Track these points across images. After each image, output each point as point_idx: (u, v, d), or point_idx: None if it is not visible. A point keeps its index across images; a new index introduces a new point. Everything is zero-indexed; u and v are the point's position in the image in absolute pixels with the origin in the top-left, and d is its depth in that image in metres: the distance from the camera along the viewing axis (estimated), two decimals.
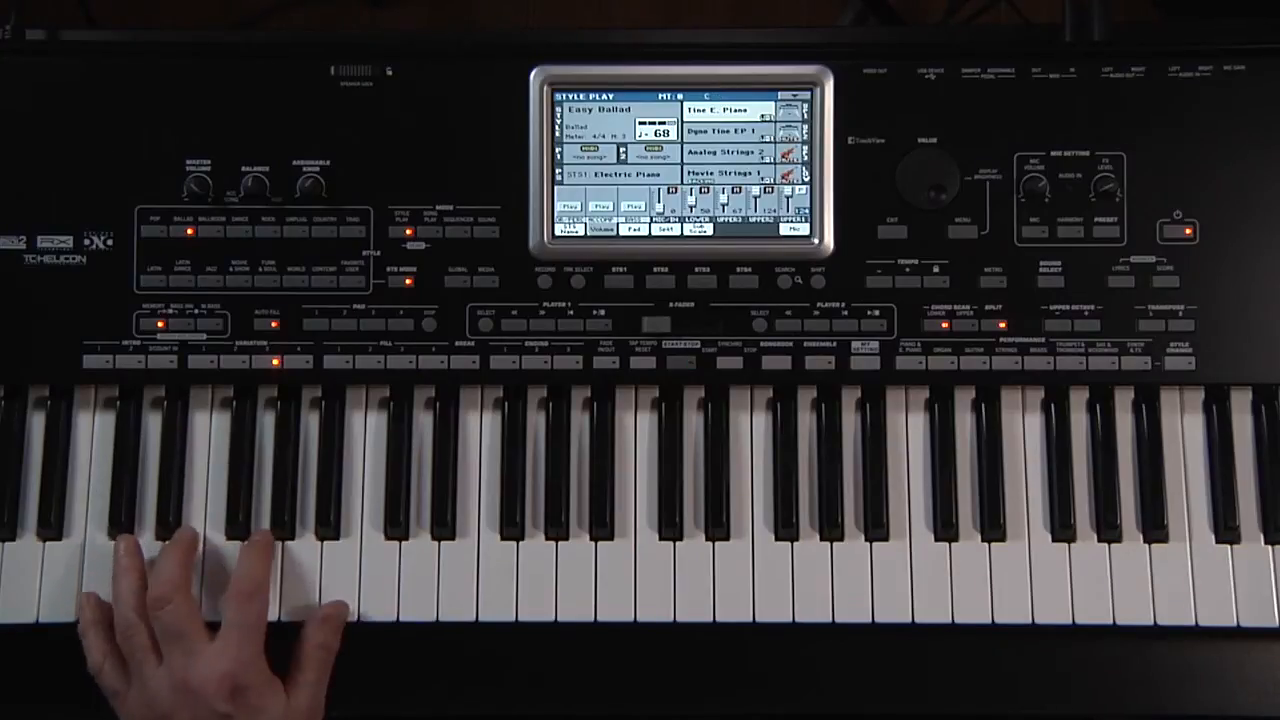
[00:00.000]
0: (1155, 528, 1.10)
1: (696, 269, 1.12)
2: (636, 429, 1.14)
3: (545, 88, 1.13)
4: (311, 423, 1.14)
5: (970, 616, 1.09)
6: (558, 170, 1.13)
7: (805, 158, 1.13)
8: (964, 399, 1.14)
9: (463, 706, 1.10)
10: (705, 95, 1.13)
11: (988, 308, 1.11)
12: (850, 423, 1.14)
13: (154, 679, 1.03)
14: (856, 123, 1.13)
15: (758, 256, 1.12)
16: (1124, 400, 1.13)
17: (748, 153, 1.13)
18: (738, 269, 1.12)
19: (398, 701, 1.10)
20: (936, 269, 1.12)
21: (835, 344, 1.11)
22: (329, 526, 1.11)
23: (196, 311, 1.12)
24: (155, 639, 1.04)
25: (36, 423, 1.13)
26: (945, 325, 1.11)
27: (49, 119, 1.12)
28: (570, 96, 1.13)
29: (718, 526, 1.11)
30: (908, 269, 1.12)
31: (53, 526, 1.11)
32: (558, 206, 1.13)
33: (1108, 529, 1.10)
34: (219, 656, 1.02)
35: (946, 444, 1.12)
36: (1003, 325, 1.11)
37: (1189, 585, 1.10)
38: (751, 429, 1.14)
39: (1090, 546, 1.10)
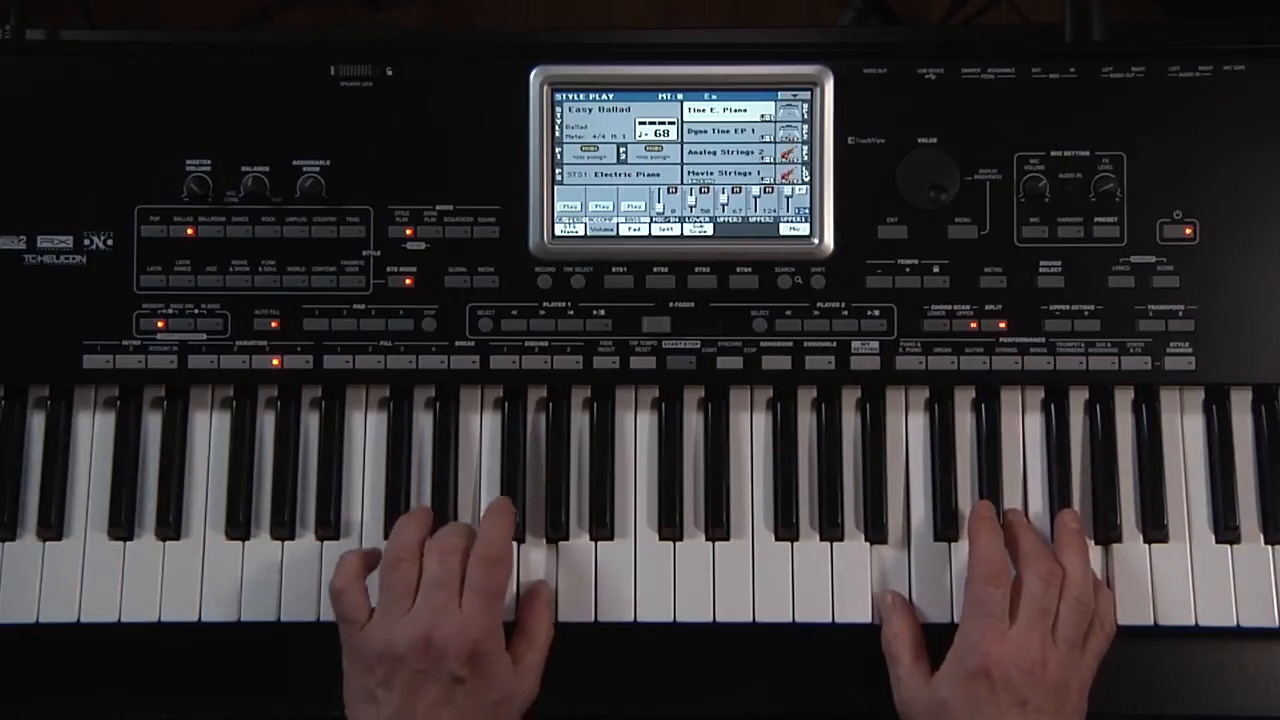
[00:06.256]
0: (1155, 528, 1.10)
1: (696, 269, 1.12)
2: (636, 429, 1.14)
3: (545, 88, 1.13)
4: (311, 423, 1.14)
5: None
6: (558, 170, 1.13)
7: (805, 158, 1.13)
8: (964, 399, 1.14)
9: None
10: (705, 95, 1.13)
11: (988, 308, 1.11)
12: (850, 423, 1.14)
13: (400, 623, 1.00)
14: (856, 123, 1.13)
15: (758, 256, 1.12)
16: (1124, 400, 1.13)
17: (748, 153, 1.13)
18: (738, 269, 1.12)
19: None
20: (936, 269, 1.12)
21: (835, 344, 1.11)
22: (329, 526, 1.11)
23: (196, 311, 1.12)
24: (418, 583, 1.02)
25: (36, 423, 1.13)
26: (945, 325, 1.11)
27: (49, 119, 1.12)
28: (570, 96, 1.13)
29: (718, 526, 1.11)
30: (908, 269, 1.12)
31: (53, 526, 1.11)
32: (558, 206, 1.13)
33: (1108, 529, 1.10)
34: (469, 620, 1.00)
35: (946, 444, 1.12)
36: (1003, 325, 1.11)
37: (1189, 585, 1.10)
38: (751, 429, 1.14)
39: (1090, 547, 1.10)
